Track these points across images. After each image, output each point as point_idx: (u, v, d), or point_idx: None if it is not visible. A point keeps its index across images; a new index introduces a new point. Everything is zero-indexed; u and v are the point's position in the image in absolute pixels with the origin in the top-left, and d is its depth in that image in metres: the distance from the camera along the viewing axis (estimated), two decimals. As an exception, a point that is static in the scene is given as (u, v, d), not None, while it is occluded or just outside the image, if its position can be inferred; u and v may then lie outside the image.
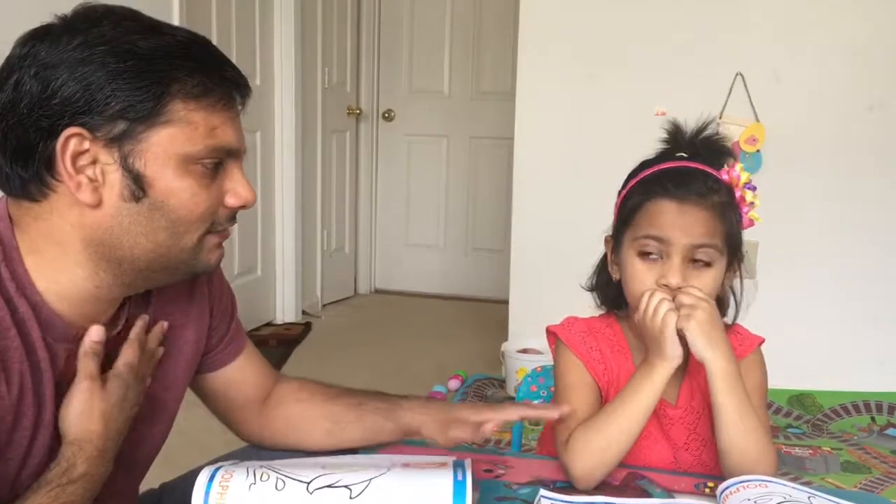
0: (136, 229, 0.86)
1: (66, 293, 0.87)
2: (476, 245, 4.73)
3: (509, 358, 3.10)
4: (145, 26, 0.86)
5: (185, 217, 0.87)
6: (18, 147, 0.82)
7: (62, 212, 0.84)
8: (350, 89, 4.55)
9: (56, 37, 0.82)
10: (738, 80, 2.95)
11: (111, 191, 0.84)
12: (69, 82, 0.80)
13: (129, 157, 0.83)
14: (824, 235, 3.01)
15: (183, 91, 0.83)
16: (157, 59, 0.83)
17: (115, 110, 0.81)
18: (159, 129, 0.83)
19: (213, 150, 0.86)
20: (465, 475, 0.90)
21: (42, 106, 0.81)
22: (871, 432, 2.85)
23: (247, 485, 0.89)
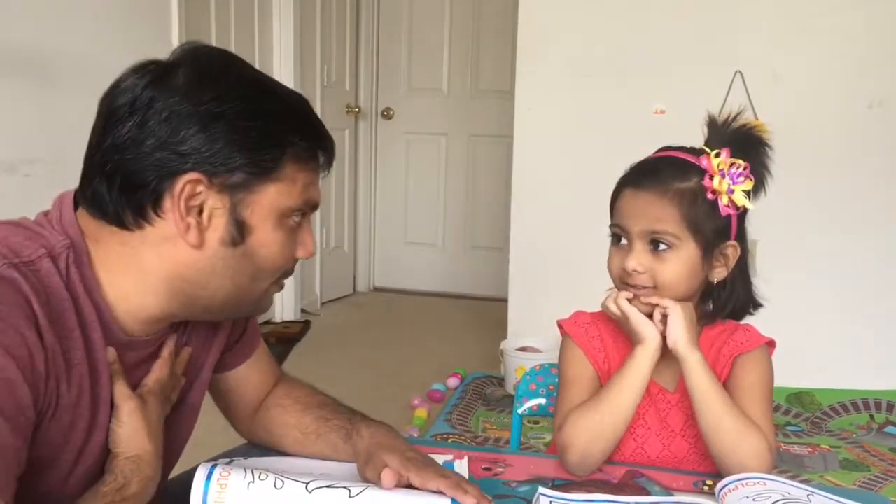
0: (226, 273, 0.90)
1: (131, 311, 0.90)
2: (475, 243, 4.73)
3: (508, 356, 3.11)
4: (264, 84, 0.92)
5: (269, 266, 0.92)
6: (129, 181, 0.86)
7: (154, 244, 0.88)
8: (349, 87, 4.55)
9: (189, 87, 0.86)
10: (737, 78, 2.95)
11: (214, 234, 0.88)
12: (199, 134, 0.85)
13: (239, 205, 0.88)
14: (824, 234, 3.02)
15: (296, 153, 0.90)
16: (280, 121, 0.89)
17: (237, 164, 0.86)
18: (270, 185, 0.88)
19: (305, 205, 0.93)
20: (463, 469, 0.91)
21: (167, 149, 0.84)
22: (870, 430, 2.85)
23: (245, 483, 0.89)
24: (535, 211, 3.22)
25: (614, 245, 1.17)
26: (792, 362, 2.98)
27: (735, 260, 1.17)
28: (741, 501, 0.91)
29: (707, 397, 1.10)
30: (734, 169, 1.13)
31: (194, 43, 0.92)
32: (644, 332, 1.12)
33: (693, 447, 1.17)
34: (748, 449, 1.07)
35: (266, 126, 0.88)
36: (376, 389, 3.18)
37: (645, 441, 1.18)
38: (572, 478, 1.08)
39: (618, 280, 1.17)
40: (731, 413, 1.09)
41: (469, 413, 2.95)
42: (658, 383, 1.18)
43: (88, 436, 0.87)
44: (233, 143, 0.86)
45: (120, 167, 0.85)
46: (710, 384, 1.10)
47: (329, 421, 1.10)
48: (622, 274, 1.15)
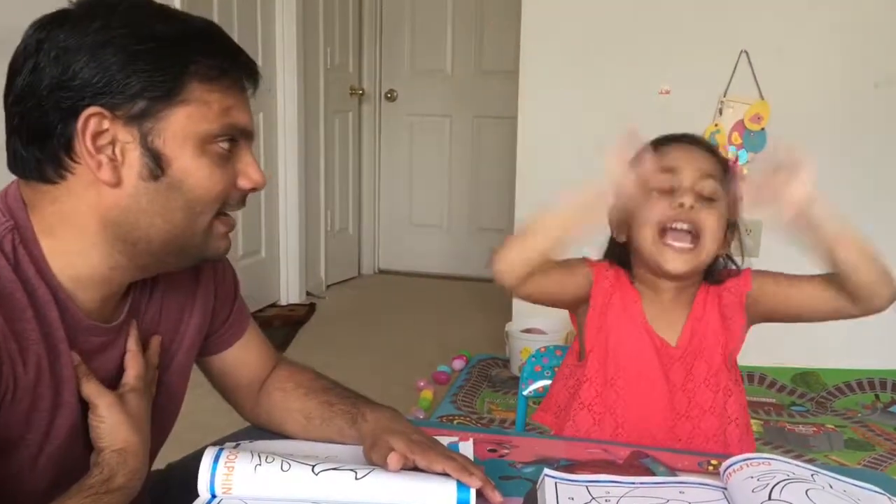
0: (153, 209, 0.86)
1: (80, 276, 0.88)
2: (480, 225, 4.73)
3: (513, 338, 3.11)
4: (162, 12, 0.88)
5: (201, 197, 0.88)
6: (36, 129, 0.84)
7: (80, 193, 0.85)
8: (352, 70, 4.53)
9: (75, 21, 0.83)
10: (742, 57, 2.93)
11: (130, 170, 0.85)
12: (90, 64, 0.82)
13: (149, 135, 0.84)
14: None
15: (200, 72, 0.85)
16: (176, 41, 0.85)
17: (134, 90, 0.83)
18: (177, 108, 0.85)
19: (227, 128, 0.88)
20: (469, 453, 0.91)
21: (62, 87, 0.82)
22: (875, 410, 2.85)
23: (252, 466, 0.89)
24: (539, 192, 3.21)
25: (660, 193, 1.18)
26: (797, 342, 3.00)
27: (732, 240, 1.27)
28: (746, 481, 0.91)
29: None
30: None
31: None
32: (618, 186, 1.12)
33: (692, 402, 1.22)
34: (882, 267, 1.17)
35: (160, 46, 0.84)
36: (381, 371, 3.19)
37: (649, 394, 1.22)
38: (578, 459, 1.09)
39: (657, 227, 1.19)
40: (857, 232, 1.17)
41: (474, 395, 2.96)
42: (661, 337, 1.24)
43: (52, 416, 0.86)
44: (126, 68, 0.82)
45: (25, 118, 0.84)
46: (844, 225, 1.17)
47: (333, 406, 1.10)
48: (665, 217, 1.18)
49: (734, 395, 1.26)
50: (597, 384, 1.25)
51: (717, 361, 1.24)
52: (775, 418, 2.77)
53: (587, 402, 1.25)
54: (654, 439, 1.21)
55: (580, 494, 0.93)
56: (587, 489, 0.95)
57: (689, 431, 1.21)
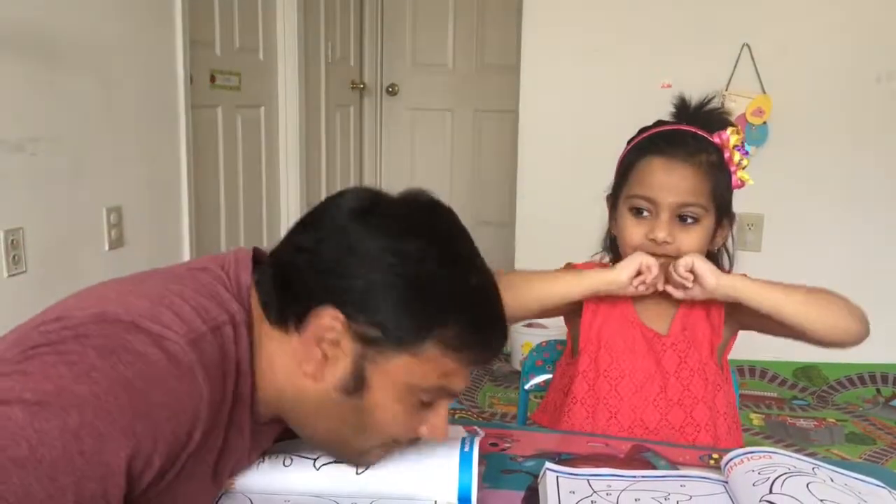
0: (331, 415, 0.86)
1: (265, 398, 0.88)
2: (481, 219, 4.72)
3: (515, 332, 3.11)
4: (450, 255, 0.86)
5: (377, 431, 0.87)
6: (289, 282, 0.85)
7: (286, 351, 0.85)
8: (353, 64, 4.52)
9: (377, 227, 0.84)
10: (744, 51, 2.93)
11: (332, 375, 0.84)
12: (359, 276, 0.82)
13: (365, 359, 0.83)
14: (831, 207, 3.00)
15: (445, 338, 0.83)
16: (439, 296, 0.83)
17: (380, 320, 0.82)
18: (403, 356, 0.83)
19: (437, 391, 0.87)
20: (473, 447, 0.91)
21: (326, 276, 0.83)
22: (877, 404, 2.85)
23: (255, 462, 0.89)
24: (541, 186, 3.21)
25: (633, 216, 1.20)
26: (798, 337, 2.99)
27: (729, 230, 1.25)
28: (747, 475, 0.91)
29: (779, 294, 1.16)
30: (741, 147, 1.20)
31: (418, 190, 0.89)
32: (622, 268, 1.17)
33: (686, 389, 1.22)
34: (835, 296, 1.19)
35: (422, 297, 0.83)
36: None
37: (643, 384, 1.23)
38: (579, 452, 1.09)
39: (633, 250, 1.20)
40: (801, 287, 1.18)
41: (476, 388, 2.96)
42: (652, 328, 1.24)
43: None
44: (387, 299, 0.82)
45: (288, 266, 0.86)
46: (770, 286, 1.16)
47: None
48: (645, 244, 1.18)
49: (722, 391, 1.27)
50: (589, 377, 1.26)
51: (705, 353, 1.26)
52: (777, 412, 2.77)
53: (580, 396, 1.26)
54: (647, 428, 1.22)
55: (581, 488, 0.93)
56: (588, 483, 0.95)
57: (682, 419, 1.21)
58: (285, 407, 0.88)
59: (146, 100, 2.74)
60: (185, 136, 2.91)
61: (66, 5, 2.37)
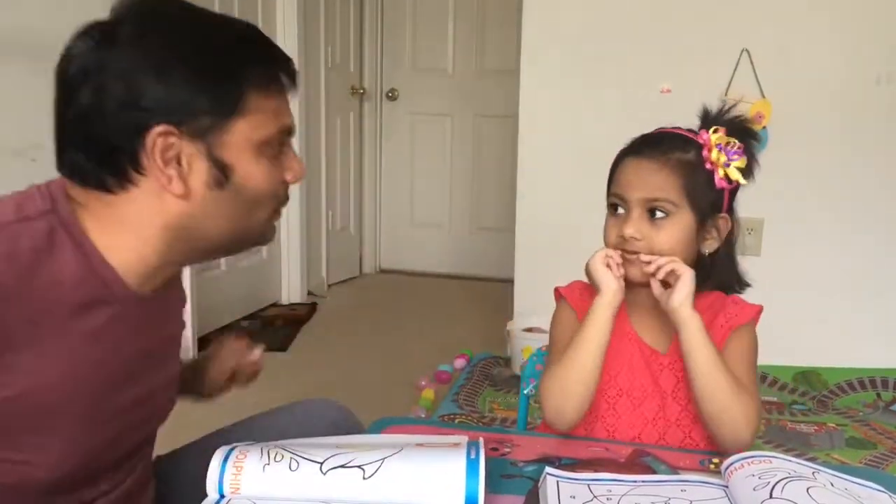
0: (219, 213, 0.91)
1: (134, 271, 0.92)
2: (481, 224, 4.73)
3: (514, 337, 3.11)
4: (209, 18, 0.92)
5: (261, 196, 0.93)
6: (101, 145, 0.87)
7: (142, 201, 0.89)
8: (353, 68, 4.53)
9: (133, 39, 0.86)
10: (743, 56, 2.93)
11: (197, 180, 0.89)
12: (157, 85, 0.85)
13: (214, 147, 0.88)
14: (831, 212, 3.00)
15: (255, 82, 0.89)
16: (233, 54, 0.89)
17: (200, 107, 0.86)
18: (239, 120, 0.88)
19: (279, 132, 0.93)
20: (479, 454, 0.91)
21: (130, 107, 0.85)
22: (877, 408, 2.85)
23: (261, 465, 0.89)
24: (541, 191, 3.22)
25: (611, 215, 1.20)
26: (799, 341, 3.00)
27: (726, 233, 1.21)
28: (747, 479, 0.91)
29: (705, 361, 1.12)
30: (730, 146, 1.17)
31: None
32: (601, 282, 1.16)
33: (684, 409, 1.20)
34: (739, 411, 1.11)
35: (220, 64, 0.88)
36: (383, 371, 3.19)
37: (641, 402, 1.21)
38: (579, 457, 1.09)
39: (613, 249, 1.19)
40: (726, 377, 1.12)
41: (476, 394, 2.96)
42: (650, 345, 1.22)
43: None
44: (191, 88, 0.86)
45: (90, 135, 0.86)
46: (708, 347, 1.13)
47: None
48: (619, 242, 1.18)
49: None
50: None
51: None
52: (777, 417, 2.77)
53: None
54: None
55: (582, 493, 0.93)
56: (589, 487, 0.95)
57: (681, 440, 1.19)
58: (174, 249, 0.92)
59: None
60: (185, 142, 2.91)
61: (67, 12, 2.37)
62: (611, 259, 1.16)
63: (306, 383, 2.96)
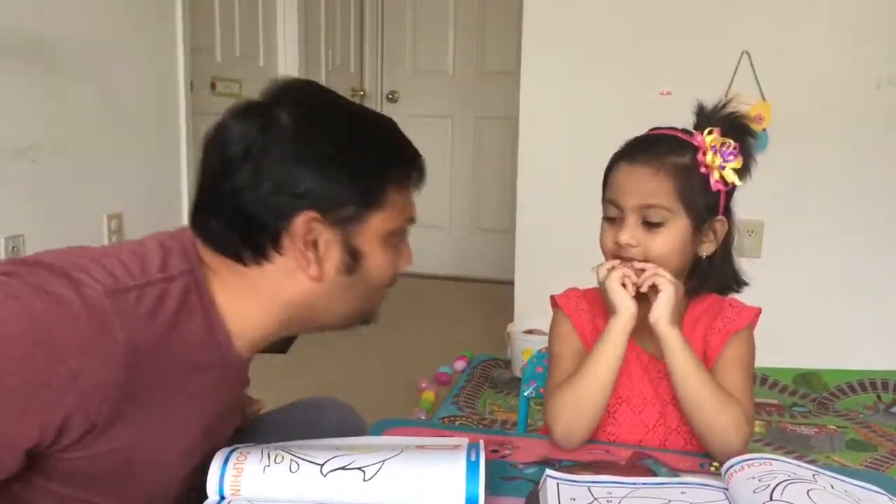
0: (341, 297, 0.96)
1: (246, 336, 0.96)
2: (481, 226, 4.73)
3: (515, 339, 3.11)
4: (361, 115, 0.98)
5: (380, 284, 0.99)
6: (248, 223, 0.90)
7: (274, 279, 0.93)
8: (354, 70, 4.54)
9: (295, 128, 0.90)
10: (743, 58, 2.93)
11: (331, 265, 0.93)
12: (313, 176, 0.90)
13: (351, 236, 0.93)
14: (831, 214, 3.00)
15: (395, 180, 0.96)
16: (381, 152, 0.95)
17: (347, 199, 0.91)
18: (377, 212, 0.94)
19: (407, 225, 0.99)
20: (479, 457, 0.91)
21: (284, 192, 0.89)
22: (877, 410, 2.85)
23: (261, 467, 0.89)
24: (541, 193, 3.22)
25: (607, 221, 1.19)
26: (799, 343, 3.00)
27: (723, 235, 1.20)
28: (747, 482, 0.91)
29: (687, 373, 1.12)
30: (725, 147, 1.15)
31: (285, 80, 0.97)
32: (618, 303, 1.14)
33: (682, 417, 1.19)
34: (727, 420, 1.10)
35: (371, 161, 0.94)
36: (383, 372, 3.19)
37: (641, 410, 1.20)
38: (579, 459, 1.09)
39: (610, 256, 1.18)
40: (710, 387, 1.12)
41: (476, 395, 2.96)
42: (649, 353, 1.21)
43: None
44: (342, 180, 0.91)
45: (240, 210, 0.90)
46: (690, 360, 1.12)
47: None
48: (615, 249, 1.17)
49: None
50: None
51: None
52: (777, 419, 2.77)
53: None
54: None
55: (582, 495, 0.93)
56: (589, 490, 0.95)
57: (681, 447, 1.19)
58: (292, 323, 0.97)
59: (147, 107, 2.74)
60: (185, 144, 2.92)
61: (67, 14, 2.37)
62: (627, 279, 1.14)
63: (306, 384, 2.96)
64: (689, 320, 1.22)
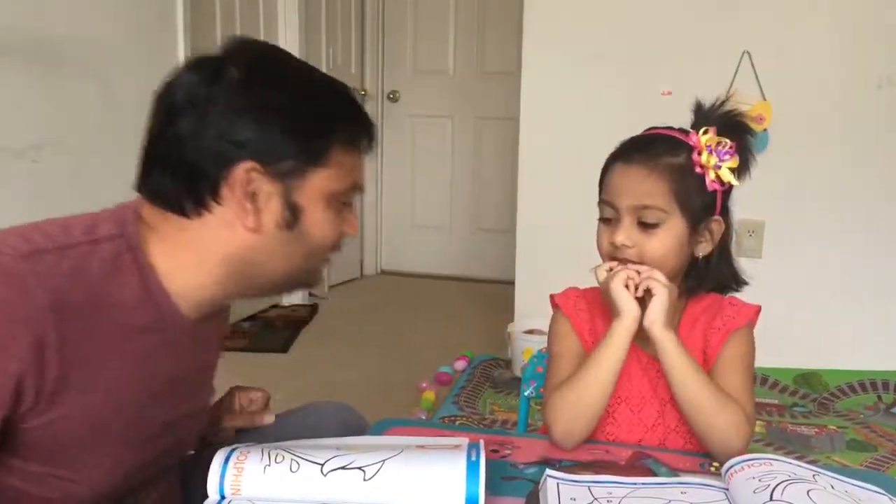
0: (280, 253, 0.97)
1: (188, 298, 0.96)
2: (482, 226, 4.73)
3: (515, 339, 3.11)
4: (310, 73, 1.00)
5: (323, 245, 1.00)
6: (190, 171, 0.92)
7: (213, 229, 0.94)
8: (354, 70, 4.54)
9: (240, 81, 0.92)
10: (744, 58, 2.93)
11: (269, 218, 0.94)
12: (254, 126, 0.91)
13: (291, 190, 0.94)
14: (832, 214, 3.00)
15: (342, 139, 0.96)
16: (327, 109, 0.96)
17: (288, 152, 0.93)
18: (319, 170, 0.95)
19: (351, 188, 0.99)
20: (479, 456, 0.91)
21: (225, 141, 0.91)
22: (878, 410, 2.85)
23: (262, 467, 0.89)
24: (541, 193, 3.22)
25: (603, 222, 1.19)
26: (799, 343, 3.00)
27: (720, 235, 1.19)
28: (747, 482, 0.91)
29: (684, 376, 1.12)
30: (721, 147, 1.15)
31: (241, 37, 0.99)
32: (622, 306, 1.14)
33: (681, 417, 1.19)
34: (726, 421, 1.10)
35: (315, 116, 0.94)
36: (384, 372, 3.19)
37: (640, 409, 1.20)
38: (580, 459, 1.09)
39: (606, 257, 1.18)
40: (708, 388, 1.12)
41: (476, 395, 2.96)
42: (648, 353, 1.20)
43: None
44: (284, 133, 0.92)
45: (182, 159, 0.91)
46: (686, 364, 1.12)
47: None
48: (611, 250, 1.17)
49: None
50: None
51: None
52: (777, 419, 2.77)
53: None
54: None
55: (582, 495, 0.93)
56: (589, 490, 0.95)
57: (681, 447, 1.18)
58: (231, 280, 0.96)
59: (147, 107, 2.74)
60: (186, 143, 2.91)
61: (67, 14, 2.37)
62: (631, 281, 1.14)
63: (307, 385, 2.96)
64: (687, 320, 1.22)
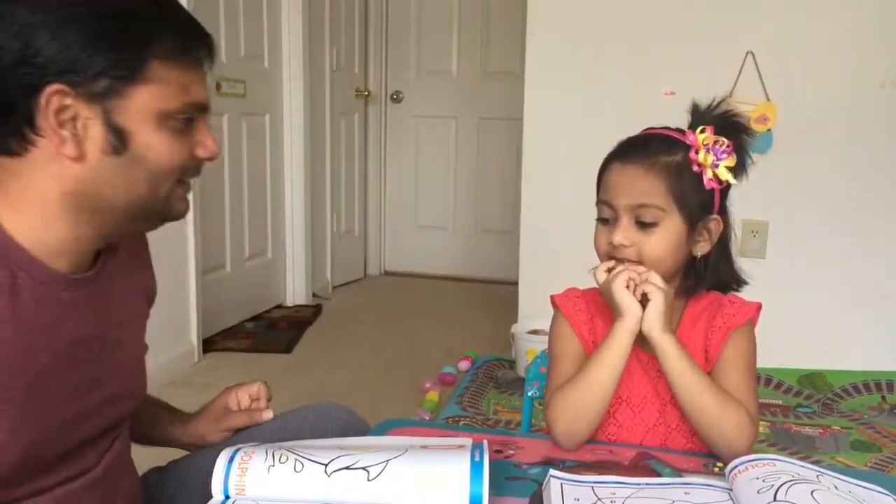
0: (116, 181, 0.90)
1: (49, 249, 0.91)
2: (485, 226, 4.73)
3: (519, 339, 3.11)
4: None
5: (162, 168, 0.91)
6: (1, 105, 0.85)
7: (43, 166, 0.87)
8: (358, 71, 4.54)
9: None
10: (748, 58, 2.93)
11: (93, 144, 0.87)
12: (52, 42, 0.83)
13: (112, 112, 0.87)
14: (835, 214, 3.00)
15: (161, 51, 0.88)
16: (137, 19, 0.87)
17: (97, 69, 0.85)
18: (139, 87, 0.87)
19: (187, 107, 0.91)
20: (483, 457, 0.91)
21: (24, 64, 0.83)
22: (882, 411, 2.85)
23: (265, 467, 0.89)
24: (545, 193, 3.22)
25: (600, 222, 1.19)
26: (803, 343, 3.00)
27: (717, 234, 1.19)
28: (751, 482, 0.91)
29: (685, 379, 1.11)
30: (718, 145, 1.15)
31: None
32: (624, 306, 1.13)
33: (682, 416, 1.19)
34: (729, 422, 1.09)
35: (122, 25, 0.86)
36: (388, 373, 3.19)
37: (641, 409, 1.20)
38: (583, 460, 1.09)
39: (604, 257, 1.18)
40: (710, 390, 1.11)
41: (480, 396, 2.96)
42: (648, 353, 1.20)
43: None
44: (88, 47, 0.84)
45: None
46: (686, 365, 1.12)
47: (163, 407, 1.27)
48: (609, 249, 1.17)
49: None
50: None
51: None
52: (781, 419, 2.76)
53: None
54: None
55: (586, 495, 0.93)
56: (593, 490, 0.95)
57: (683, 446, 1.19)
58: (80, 219, 0.90)
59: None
60: (190, 144, 2.92)
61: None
62: (633, 282, 1.13)
63: (310, 385, 2.97)
64: (688, 319, 1.21)
